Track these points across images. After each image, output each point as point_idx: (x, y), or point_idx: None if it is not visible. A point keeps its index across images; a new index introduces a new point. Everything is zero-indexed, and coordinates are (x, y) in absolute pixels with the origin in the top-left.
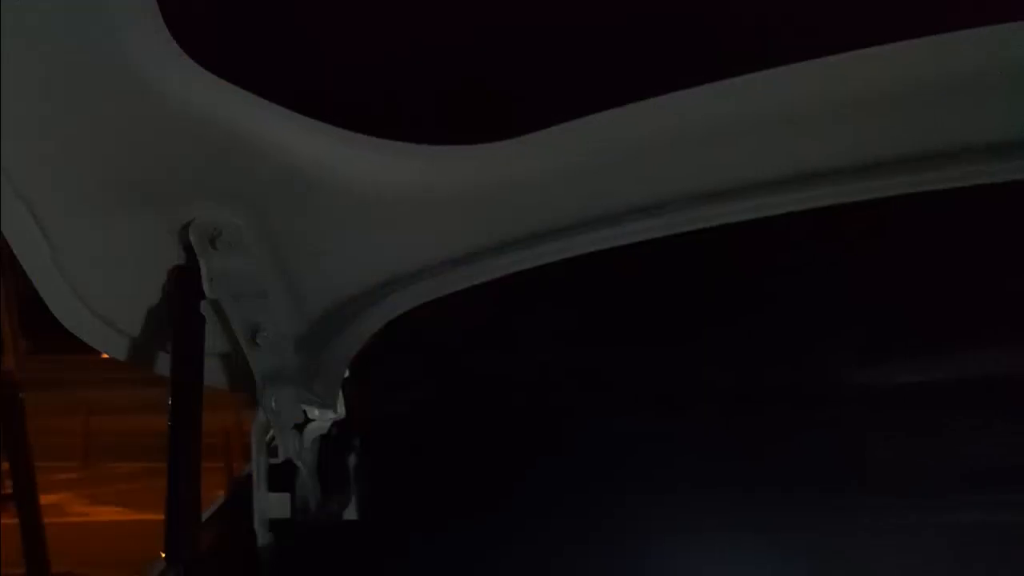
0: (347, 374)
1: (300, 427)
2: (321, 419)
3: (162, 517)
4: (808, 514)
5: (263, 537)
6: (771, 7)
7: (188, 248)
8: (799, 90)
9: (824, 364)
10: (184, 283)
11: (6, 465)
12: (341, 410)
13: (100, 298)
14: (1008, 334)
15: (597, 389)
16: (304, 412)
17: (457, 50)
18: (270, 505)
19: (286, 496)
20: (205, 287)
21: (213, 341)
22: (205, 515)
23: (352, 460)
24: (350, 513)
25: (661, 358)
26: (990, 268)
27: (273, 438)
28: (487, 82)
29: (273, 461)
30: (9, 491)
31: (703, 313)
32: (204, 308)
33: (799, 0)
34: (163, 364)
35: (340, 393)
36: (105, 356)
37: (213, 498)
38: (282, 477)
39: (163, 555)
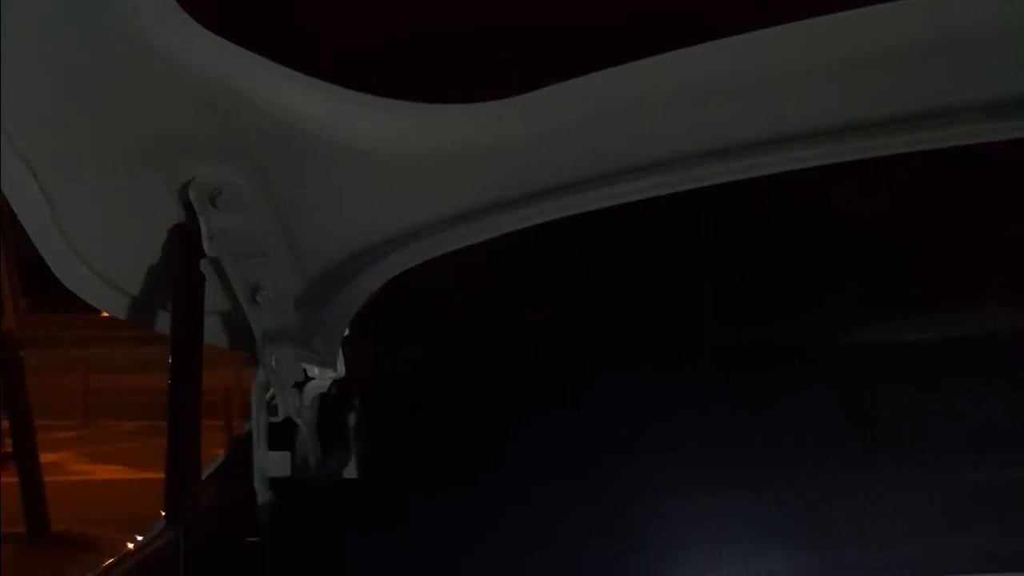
0: (347, 332)
1: (300, 385)
2: (321, 377)
3: (162, 475)
4: (809, 472)
5: (263, 495)
6: None
7: (188, 207)
8: (796, 49)
9: (825, 322)
10: (184, 242)
11: (6, 423)
12: (341, 368)
13: (100, 257)
14: (1011, 292)
15: (598, 347)
16: (304, 371)
17: (455, 9)
18: (270, 463)
19: (286, 454)
20: (205, 245)
21: (213, 299)
22: (205, 473)
23: (352, 419)
24: (350, 472)
25: (662, 315)
26: (992, 226)
27: (273, 396)
28: (485, 42)
29: (273, 419)
30: (9, 449)
31: (704, 271)
32: (204, 267)
33: None
34: (163, 322)
35: (340, 352)
36: (105, 315)
37: (213, 456)
38: (282, 435)
39: (163, 513)
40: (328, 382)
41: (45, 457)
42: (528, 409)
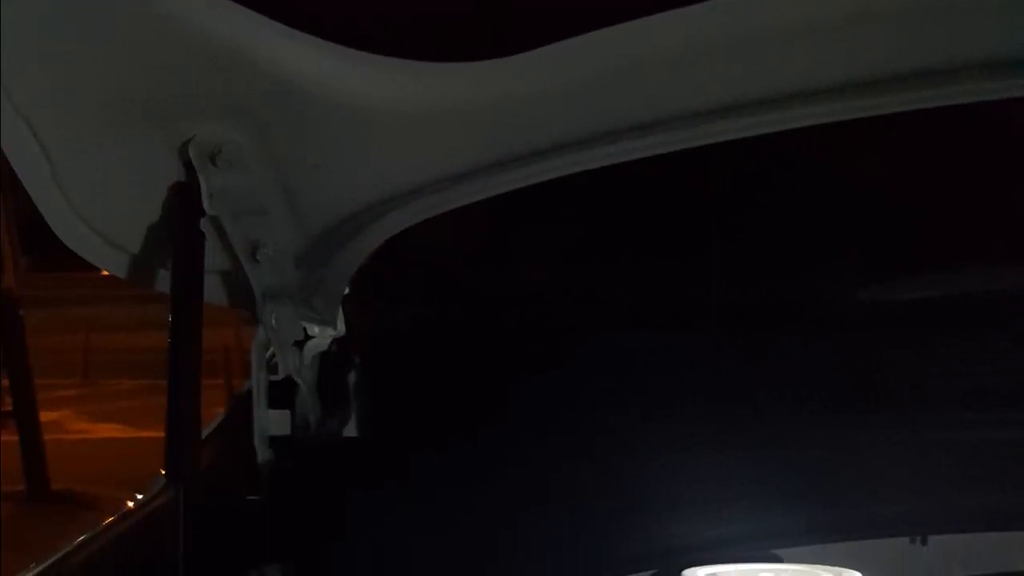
0: (347, 291)
1: (300, 344)
2: (321, 336)
3: (162, 434)
4: (810, 430)
5: (263, 454)
6: None
7: (188, 165)
8: (797, 6)
9: (827, 281)
10: (184, 200)
11: (6, 382)
12: (341, 327)
13: (100, 215)
14: (1011, 251)
15: (598, 305)
16: (304, 329)
17: None
18: (270, 422)
19: (286, 413)
20: (205, 204)
21: (213, 258)
22: (205, 432)
23: (352, 377)
24: (350, 430)
25: (662, 274)
26: (993, 185)
27: (273, 355)
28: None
29: (273, 378)
30: (9, 408)
31: (704, 230)
32: (204, 225)
33: None
34: (163, 281)
35: (340, 310)
36: (105, 273)
37: (213, 415)
38: (282, 394)
39: (163, 472)
40: (328, 340)
41: (45, 416)
42: (528, 367)
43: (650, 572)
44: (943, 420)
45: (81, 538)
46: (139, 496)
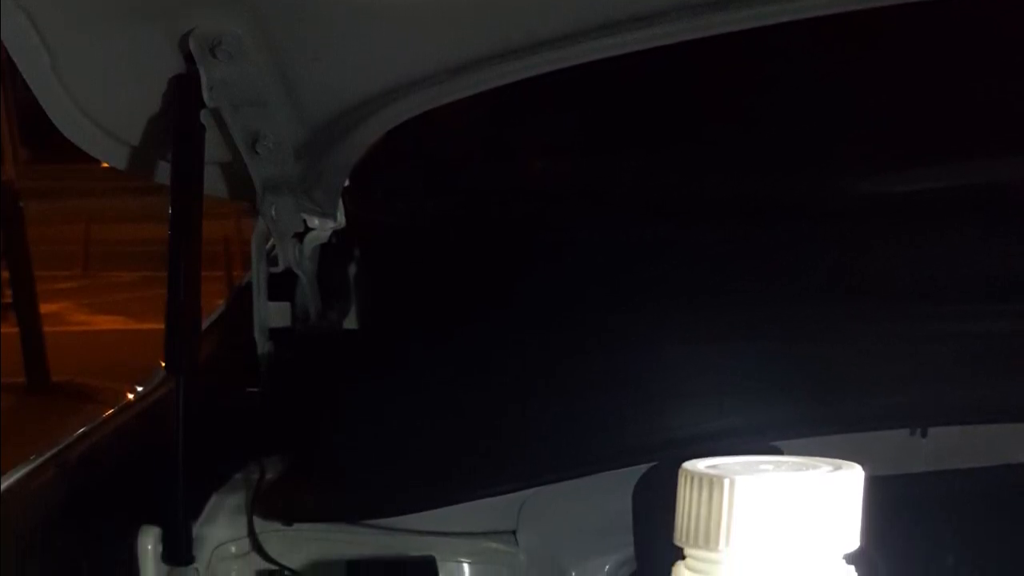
0: (347, 183)
1: (300, 236)
2: (321, 228)
3: (162, 326)
4: (808, 324)
5: (263, 346)
6: None
7: (188, 57)
8: None
9: (826, 174)
10: (184, 92)
11: (6, 274)
12: (341, 219)
13: (100, 108)
14: (1011, 142)
15: (598, 199)
16: (304, 221)
17: None
18: (270, 314)
19: (286, 305)
20: (205, 96)
21: (213, 150)
22: (205, 324)
23: (352, 269)
24: (350, 322)
25: (662, 168)
26: (993, 75)
27: (273, 247)
28: None
29: (273, 270)
30: (9, 300)
31: (704, 123)
32: (204, 117)
33: None
34: (163, 173)
35: (340, 202)
36: (105, 165)
37: (213, 307)
38: (282, 286)
39: (163, 364)
40: (328, 233)
41: (45, 307)
42: (526, 260)
43: (650, 464)
44: (943, 312)
45: (81, 430)
46: (139, 388)
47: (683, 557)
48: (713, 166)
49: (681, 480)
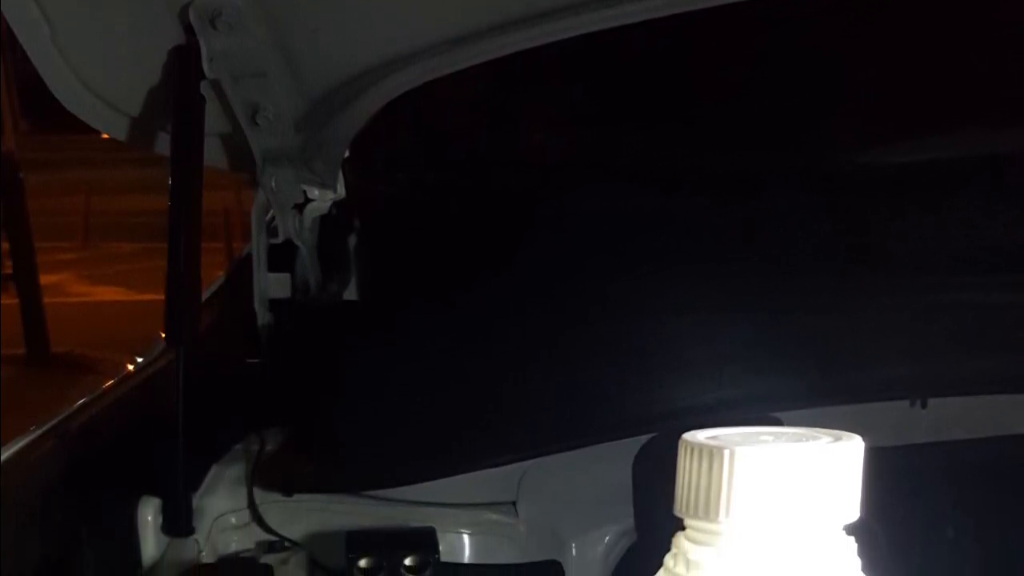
0: (347, 154)
1: (300, 207)
2: (321, 199)
3: (162, 297)
4: (810, 295)
5: (262, 317)
6: None
7: (188, 28)
8: None
9: (824, 145)
10: (184, 63)
11: (6, 245)
12: (341, 190)
13: (100, 78)
14: (1011, 112)
15: (598, 171)
16: (304, 192)
17: None
18: (270, 285)
19: (286, 276)
20: (205, 67)
21: (213, 121)
22: (205, 295)
23: (352, 240)
24: (350, 293)
25: (662, 139)
26: (990, 45)
27: (273, 218)
28: None
29: (273, 241)
30: (9, 271)
31: (703, 94)
32: (204, 88)
33: None
34: (163, 144)
35: (340, 173)
36: (106, 136)
37: (213, 278)
38: (282, 257)
39: (163, 335)
40: (328, 203)
41: (45, 279)
42: (526, 231)
43: (650, 435)
44: (943, 283)
45: (81, 401)
46: (139, 359)
47: (683, 528)
48: (714, 137)
49: (681, 451)
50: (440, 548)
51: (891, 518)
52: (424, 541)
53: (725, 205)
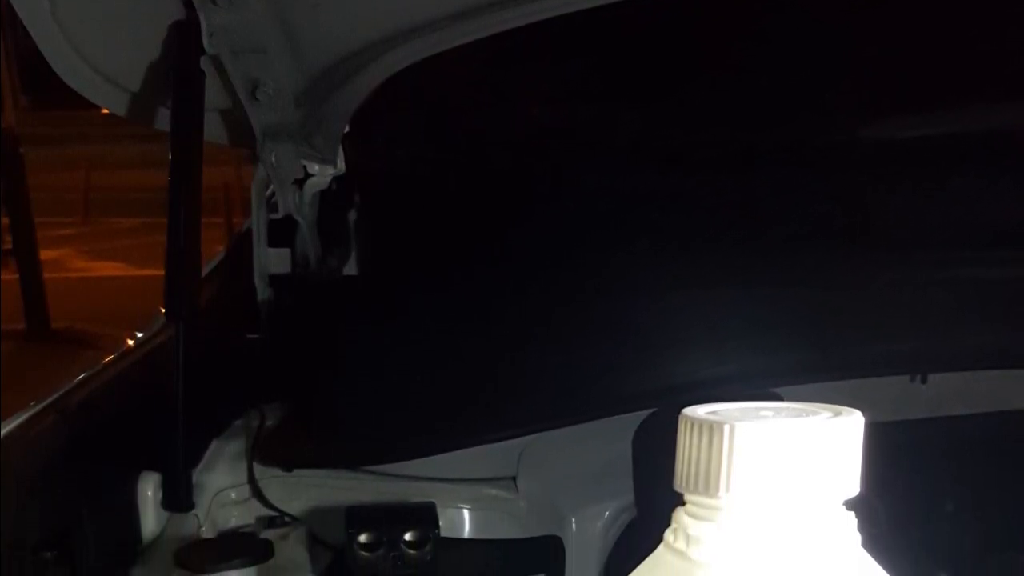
0: (347, 129)
1: (300, 182)
2: (321, 174)
3: (162, 273)
4: (809, 270)
5: (262, 292)
6: None
7: (188, 3)
8: None
9: (824, 120)
10: (184, 38)
11: (6, 221)
12: (341, 165)
13: (101, 53)
14: (1011, 89)
15: (597, 146)
16: (304, 167)
17: None
18: (270, 260)
19: (286, 251)
20: (205, 42)
21: (213, 96)
22: (205, 270)
23: (352, 215)
24: (350, 268)
25: (661, 114)
26: (992, 20)
27: (273, 193)
28: None
29: (273, 216)
30: (9, 246)
31: (702, 70)
32: (204, 63)
33: None
34: (163, 119)
35: (340, 148)
36: (106, 111)
37: (213, 253)
38: (282, 232)
39: (163, 310)
40: (328, 179)
41: (45, 254)
42: (525, 206)
43: (650, 411)
44: (943, 258)
45: (81, 376)
46: (139, 334)
47: (683, 503)
48: (712, 114)
49: (681, 426)
50: (440, 523)
51: (891, 493)
52: (424, 516)
53: (724, 181)
